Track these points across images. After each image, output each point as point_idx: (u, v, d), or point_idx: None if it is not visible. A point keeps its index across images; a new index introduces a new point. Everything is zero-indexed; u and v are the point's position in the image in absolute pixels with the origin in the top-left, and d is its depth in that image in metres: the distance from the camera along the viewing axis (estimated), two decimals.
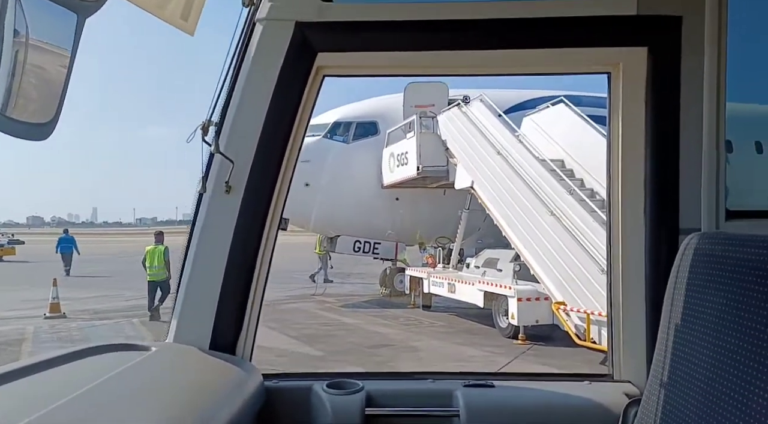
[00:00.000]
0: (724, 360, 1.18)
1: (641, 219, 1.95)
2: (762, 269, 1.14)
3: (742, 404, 1.11)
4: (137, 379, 1.53)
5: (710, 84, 1.85)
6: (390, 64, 2.00)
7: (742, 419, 1.10)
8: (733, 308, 1.19)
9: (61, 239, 27.02)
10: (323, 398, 1.90)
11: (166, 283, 13.18)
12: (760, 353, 1.10)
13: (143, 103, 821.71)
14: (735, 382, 1.14)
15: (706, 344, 1.25)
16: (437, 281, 13.85)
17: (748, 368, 1.11)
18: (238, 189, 1.89)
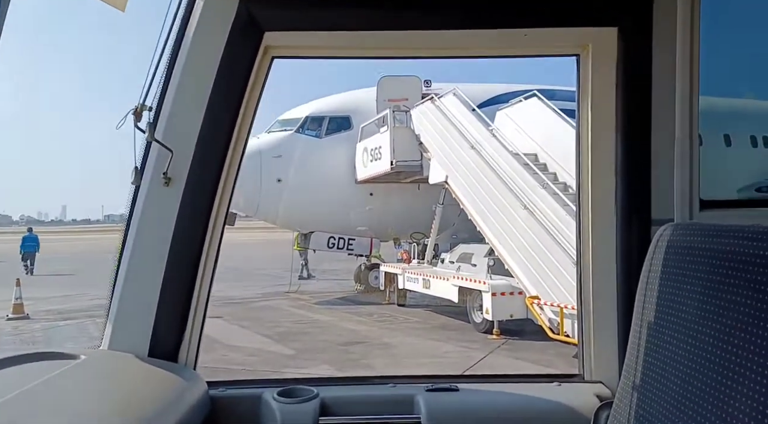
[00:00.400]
0: (701, 356, 1.10)
1: (612, 209, 1.85)
2: (739, 260, 1.06)
3: (720, 401, 1.03)
4: (62, 389, 1.38)
5: (683, 67, 1.76)
6: (344, 45, 1.86)
7: (720, 417, 1.02)
8: (710, 302, 1.10)
9: (25, 238, 26.42)
10: (273, 407, 1.76)
11: None
12: (738, 344, 1.02)
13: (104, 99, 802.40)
14: (713, 377, 1.06)
15: (681, 340, 1.17)
16: (412, 277, 13.77)
17: (726, 362, 1.03)
18: (178, 181, 1.73)
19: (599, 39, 1.82)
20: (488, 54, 2.00)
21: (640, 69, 1.79)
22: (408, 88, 15.61)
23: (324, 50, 1.90)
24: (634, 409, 1.30)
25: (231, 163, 1.83)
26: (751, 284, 1.01)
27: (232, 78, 1.75)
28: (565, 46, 1.91)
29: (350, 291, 17.37)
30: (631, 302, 1.42)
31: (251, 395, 1.82)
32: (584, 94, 1.90)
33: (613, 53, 1.82)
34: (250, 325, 12.22)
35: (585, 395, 1.82)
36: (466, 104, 13.49)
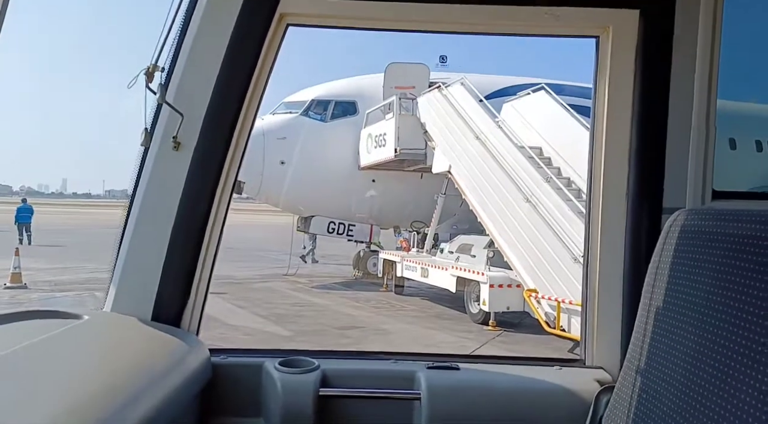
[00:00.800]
0: (709, 340, 1.09)
1: (623, 195, 1.84)
2: (753, 244, 1.05)
3: (726, 385, 1.02)
4: (62, 348, 1.39)
5: (704, 53, 1.74)
6: (360, 15, 1.83)
7: (726, 400, 1.01)
8: (722, 285, 1.09)
9: (19, 209, 26.39)
10: (274, 377, 1.76)
11: None
12: (749, 328, 1.01)
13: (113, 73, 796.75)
14: (721, 361, 1.05)
15: (690, 324, 1.16)
16: (410, 265, 13.79)
17: (735, 346, 1.03)
18: (188, 145, 1.71)
19: (620, 21, 1.80)
20: (507, 31, 1.97)
21: (661, 53, 1.76)
22: (415, 75, 15.53)
23: (339, 20, 1.87)
24: (637, 393, 1.30)
25: (241, 130, 1.81)
26: (765, 268, 1.01)
27: (246, 44, 1.73)
28: (586, 27, 1.89)
29: (348, 277, 17.40)
30: (638, 288, 1.42)
31: (252, 363, 1.82)
32: (602, 77, 1.87)
33: (633, 36, 1.79)
34: (247, 305, 12.25)
35: (585, 379, 1.82)
36: (473, 94, 13.41)
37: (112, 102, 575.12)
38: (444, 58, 16.15)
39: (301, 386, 1.75)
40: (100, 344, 1.55)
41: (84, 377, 1.25)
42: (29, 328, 1.45)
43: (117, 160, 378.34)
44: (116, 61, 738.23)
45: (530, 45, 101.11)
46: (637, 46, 1.79)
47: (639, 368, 1.31)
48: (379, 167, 15.45)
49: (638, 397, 1.29)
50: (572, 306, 8.65)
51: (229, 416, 1.80)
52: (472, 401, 1.78)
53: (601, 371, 1.87)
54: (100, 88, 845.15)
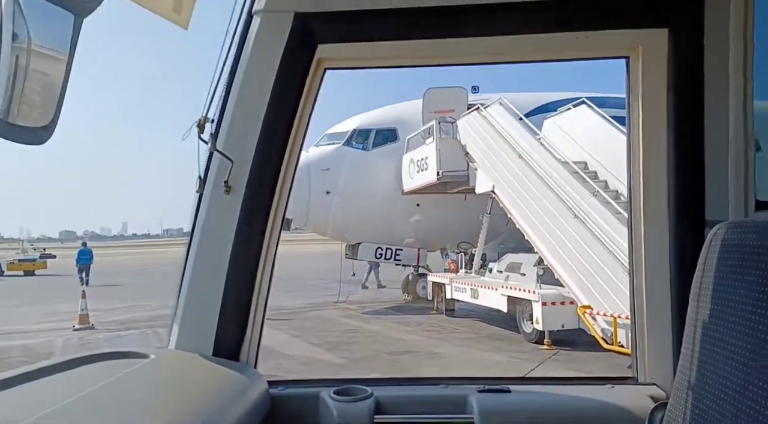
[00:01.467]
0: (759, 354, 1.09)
1: (665, 211, 1.84)
2: None
3: None
4: (134, 386, 1.48)
5: (736, 66, 1.74)
6: (394, 54, 1.92)
7: None
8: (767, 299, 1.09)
9: (80, 252, 27.63)
10: (330, 406, 1.82)
11: None
12: None
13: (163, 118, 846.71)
14: None
15: (739, 338, 1.15)
16: (460, 287, 13.68)
17: None
18: (238, 189, 1.82)
19: (650, 41, 1.81)
20: (539, 58, 2.01)
21: (692, 70, 1.77)
22: (454, 99, 15.63)
23: (375, 60, 1.96)
24: (690, 409, 1.29)
25: (287, 170, 1.91)
26: None
27: (288, 90, 1.83)
28: (616, 49, 1.91)
29: (398, 301, 17.39)
30: (684, 302, 1.41)
31: (309, 394, 1.88)
32: (635, 96, 1.89)
33: (663, 55, 1.80)
34: (301, 334, 12.41)
35: (639, 396, 1.80)
36: (512, 113, 13.38)
37: (166, 148, 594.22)
38: (476, 88, 16.19)
39: (356, 414, 1.79)
40: (166, 382, 1.64)
41: (154, 414, 1.33)
42: (104, 369, 1.55)
43: (172, 202, 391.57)
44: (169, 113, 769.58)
45: None
46: (668, 63, 1.80)
47: (690, 382, 1.30)
48: (423, 191, 15.51)
49: (692, 412, 1.28)
50: (629, 321, 8.36)
51: None
52: (526, 423, 1.80)
53: (654, 387, 1.85)
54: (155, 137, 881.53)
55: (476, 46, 1.88)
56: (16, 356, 10.58)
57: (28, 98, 1.08)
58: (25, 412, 1.12)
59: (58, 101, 1.16)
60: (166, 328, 1.90)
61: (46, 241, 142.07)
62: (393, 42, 1.87)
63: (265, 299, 1.94)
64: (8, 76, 1.02)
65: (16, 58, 1.02)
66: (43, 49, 1.09)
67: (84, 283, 24.97)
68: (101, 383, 1.38)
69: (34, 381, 1.39)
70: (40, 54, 1.08)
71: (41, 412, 1.13)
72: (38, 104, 1.13)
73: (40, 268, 37.71)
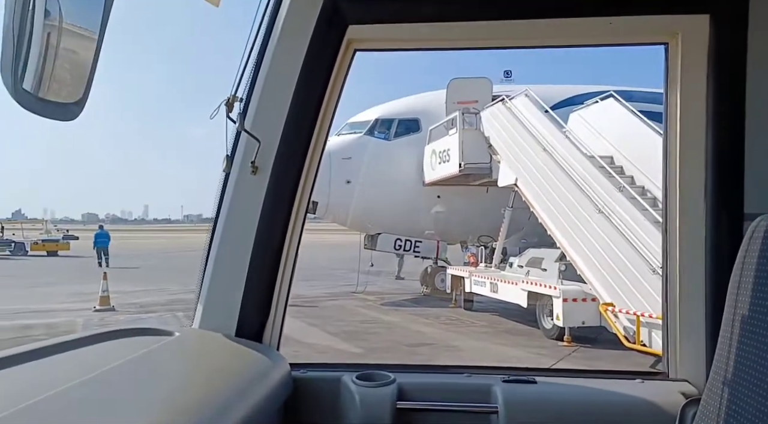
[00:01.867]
0: None
1: (701, 203, 1.77)
2: None
3: None
4: (158, 363, 1.49)
5: None
6: (424, 37, 1.87)
7: None
8: None
9: (96, 235, 29.02)
10: (353, 390, 1.81)
11: None
12: None
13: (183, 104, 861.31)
14: None
15: None
16: (479, 281, 13.62)
17: None
18: (264, 169, 1.80)
19: (690, 27, 1.74)
20: (573, 43, 1.94)
21: (734, 58, 1.70)
22: (478, 90, 15.48)
23: (405, 42, 1.92)
24: (725, 406, 1.25)
25: (313, 153, 1.88)
26: None
27: (317, 71, 1.80)
28: (653, 35, 1.84)
29: (417, 293, 17.38)
30: (720, 297, 1.36)
31: (331, 377, 1.87)
32: (673, 84, 1.82)
33: (704, 42, 1.73)
34: (318, 323, 12.47)
35: (670, 392, 1.75)
36: (538, 106, 13.21)
37: (188, 132, 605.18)
38: (509, 72, 16.02)
39: (378, 399, 1.78)
40: (191, 359, 1.65)
41: (179, 389, 1.34)
42: (129, 344, 1.57)
43: (194, 188, 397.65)
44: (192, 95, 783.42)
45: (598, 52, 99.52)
46: (709, 51, 1.73)
47: (726, 379, 1.26)
48: (444, 183, 15.44)
49: (727, 409, 1.24)
50: (652, 320, 8.25)
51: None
52: (552, 415, 1.75)
53: (686, 383, 1.80)
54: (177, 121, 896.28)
55: (508, 29, 1.83)
56: (38, 334, 10.84)
57: (58, 76, 1.09)
58: (49, 384, 1.12)
59: (88, 79, 1.18)
60: (185, 312, 1.91)
61: (69, 222, 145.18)
62: (424, 24, 1.83)
63: (289, 282, 1.93)
64: (40, 54, 1.03)
65: (47, 35, 1.04)
66: (74, 27, 1.10)
67: (104, 264, 25.95)
68: (127, 358, 1.39)
69: (61, 354, 1.41)
70: (71, 32, 1.10)
71: (66, 385, 1.14)
72: (68, 82, 1.15)
73: (63, 249, 38.39)
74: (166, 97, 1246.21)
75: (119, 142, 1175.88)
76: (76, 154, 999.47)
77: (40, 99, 1.07)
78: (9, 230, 44.91)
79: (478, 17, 1.80)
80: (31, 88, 1.04)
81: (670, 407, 1.67)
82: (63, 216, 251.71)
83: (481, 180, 14.89)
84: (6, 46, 0.98)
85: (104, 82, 53.70)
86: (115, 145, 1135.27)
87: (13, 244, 38.22)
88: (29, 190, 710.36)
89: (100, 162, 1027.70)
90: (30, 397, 1.05)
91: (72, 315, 13.23)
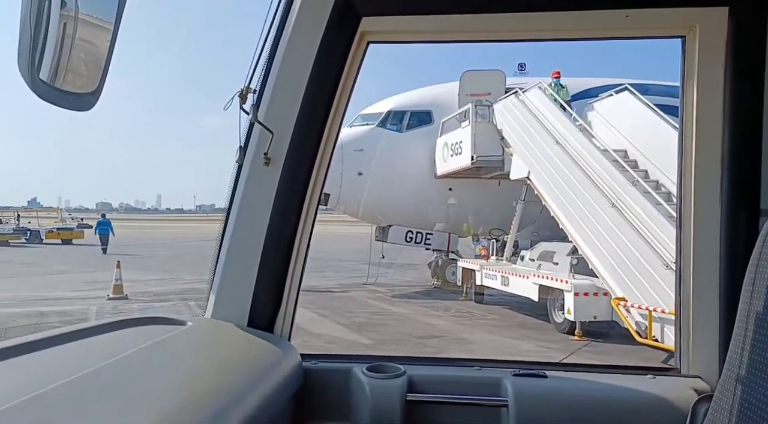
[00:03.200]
0: None
1: (717, 199, 1.75)
2: None
3: None
4: (171, 352, 1.50)
5: None
6: (438, 29, 1.86)
7: None
8: None
9: (99, 223, 30.91)
10: (363, 381, 1.81)
11: None
12: None
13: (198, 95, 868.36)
14: None
15: None
16: (490, 274, 13.60)
17: None
18: (277, 161, 1.81)
19: (708, 20, 1.71)
20: (588, 36, 1.91)
21: (753, 52, 1.66)
22: (491, 82, 15.39)
23: (419, 34, 1.91)
24: (738, 403, 1.24)
25: (326, 145, 1.88)
26: None
27: (330, 63, 1.80)
28: (670, 28, 1.81)
29: (427, 285, 17.40)
30: (735, 293, 1.35)
31: (341, 369, 1.88)
32: (689, 78, 1.79)
33: (722, 35, 1.70)
34: (329, 314, 12.53)
35: (681, 388, 1.74)
36: (551, 98, 13.10)
37: (202, 123, 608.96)
38: (523, 65, 15.88)
39: (388, 391, 1.78)
40: (203, 348, 1.66)
41: (192, 378, 1.35)
42: (143, 332, 1.58)
43: (206, 178, 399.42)
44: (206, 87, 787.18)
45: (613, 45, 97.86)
46: (727, 45, 1.70)
47: (740, 376, 1.25)
48: (456, 175, 15.39)
49: (740, 406, 1.23)
50: (665, 315, 8.20)
51: (319, 420, 1.86)
52: (562, 410, 1.75)
53: (698, 380, 1.79)
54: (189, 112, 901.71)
55: (522, 21, 1.81)
56: (53, 321, 11.00)
57: (74, 66, 1.11)
58: (63, 372, 1.14)
59: (103, 69, 1.18)
60: (198, 301, 1.93)
61: (83, 211, 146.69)
62: (438, 16, 1.81)
63: (301, 273, 1.93)
64: (56, 44, 1.04)
65: (63, 26, 1.05)
66: (89, 17, 1.11)
67: (103, 252, 27.54)
68: (140, 346, 1.41)
69: (74, 342, 1.42)
70: (87, 23, 1.11)
71: (79, 372, 1.15)
72: (84, 72, 1.16)
73: (77, 237, 38.78)
74: (181, 87, 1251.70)
75: (134, 132, 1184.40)
76: (91, 144, 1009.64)
77: (56, 89, 1.08)
78: (25, 218, 45.44)
79: (493, 9, 1.78)
80: (47, 79, 1.06)
81: (682, 404, 1.66)
82: (77, 205, 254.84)
83: (493, 173, 14.80)
84: (23, 36, 0.99)
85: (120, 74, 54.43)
86: (130, 135, 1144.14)
87: (28, 232, 38.73)
88: (45, 180, 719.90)
89: (114, 152, 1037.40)
90: (44, 384, 1.06)
91: (85, 303, 13.40)
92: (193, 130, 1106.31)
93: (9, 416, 0.93)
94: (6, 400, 0.97)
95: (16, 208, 55.35)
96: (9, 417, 0.93)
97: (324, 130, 1.86)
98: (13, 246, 34.55)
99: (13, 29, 1.00)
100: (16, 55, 1.01)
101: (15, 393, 1.00)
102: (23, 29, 0.98)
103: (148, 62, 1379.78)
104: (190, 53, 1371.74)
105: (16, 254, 29.10)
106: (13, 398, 0.98)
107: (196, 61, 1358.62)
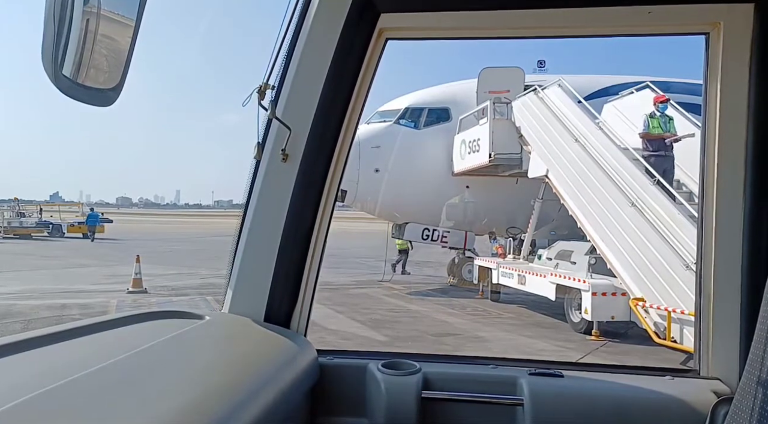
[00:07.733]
0: None
1: (740, 199, 1.72)
2: None
3: None
4: (187, 346, 1.51)
5: None
6: (457, 25, 1.85)
7: None
8: None
9: (89, 215, 37.41)
10: (378, 378, 1.82)
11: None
12: None
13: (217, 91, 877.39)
14: None
15: None
16: (507, 272, 13.51)
17: None
18: (295, 157, 1.81)
19: (732, 16, 1.68)
20: (609, 33, 1.89)
21: None
22: (510, 79, 15.26)
23: (438, 31, 1.90)
24: (758, 406, 1.22)
25: (343, 141, 1.89)
26: None
27: (348, 60, 1.80)
28: (693, 24, 1.78)
29: (444, 283, 17.36)
30: (757, 295, 1.33)
31: (357, 365, 1.88)
32: (713, 76, 1.76)
33: (747, 32, 1.66)
34: (345, 310, 12.56)
35: (701, 390, 1.71)
36: (571, 96, 12.95)
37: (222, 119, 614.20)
38: (542, 62, 15.74)
39: (404, 387, 1.78)
40: (221, 343, 1.68)
41: (210, 372, 1.36)
42: (161, 326, 1.61)
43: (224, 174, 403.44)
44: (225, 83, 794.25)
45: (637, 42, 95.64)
46: (752, 42, 1.66)
47: (761, 379, 1.23)
48: (474, 173, 15.31)
49: (761, 409, 1.21)
50: (684, 316, 8.09)
51: (335, 415, 1.87)
52: (578, 410, 1.74)
53: (717, 382, 1.76)
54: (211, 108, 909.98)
55: (542, 18, 1.79)
56: (74, 313, 11.18)
57: (96, 62, 1.12)
58: (83, 364, 1.15)
59: (125, 65, 1.19)
60: (215, 296, 1.95)
61: (103, 206, 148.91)
62: (457, 13, 1.80)
63: (317, 269, 1.94)
64: (79, 40, 1.05)
65: (86, 22, 1.06)
66: (111, 13, 1.12)
67: (91, 240, 31.88)
68: (159, 340, 1.42)
69: (94, 334, 1.45)
70: (109, 19, 1.12)
71: (100, 364, 1.17)
72: (106, 68, 1.17)
73: (98, 232, 39.49)
74: (203, 84, 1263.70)
75: (154, 128, 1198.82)
76: (112, 140, 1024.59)
77: (78, 85, 1.09)
78: (47, 212, 46.29)
79: (512, 5, 1.76)
80: (70, 74, 1.07)
81: (701, 406, 1.64)
82: (98, 199, 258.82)
83: (510, 171, 14.70)
84: (47, 33, 1.00)
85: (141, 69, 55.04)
86: (150, 130, 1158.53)
87: (51, 226, 39.42)
88: (67, 174, 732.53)
89: (134, 147, 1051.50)
90: (64, 375, 1.07)
91: (106, 297, 13.59)
92: (216, 126, 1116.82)
93: (31, 406, 0.95)
94: (29, 390, 0.98)
95: (39, 202, 56.30)
96: (31, 407, 0.95)
97: (341, 127, 1.86)
98: (36, 239, 35.25)
99: (37, 26, 1.01)
100: (39, 52, 1.02)
101: (38, 384, 1.02)
102: (47, 26, 1.00)
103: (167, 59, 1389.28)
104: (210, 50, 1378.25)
105: (39, 247, 29.62)
106: (36, 388, 0.99)
107: (215, 59, 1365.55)
